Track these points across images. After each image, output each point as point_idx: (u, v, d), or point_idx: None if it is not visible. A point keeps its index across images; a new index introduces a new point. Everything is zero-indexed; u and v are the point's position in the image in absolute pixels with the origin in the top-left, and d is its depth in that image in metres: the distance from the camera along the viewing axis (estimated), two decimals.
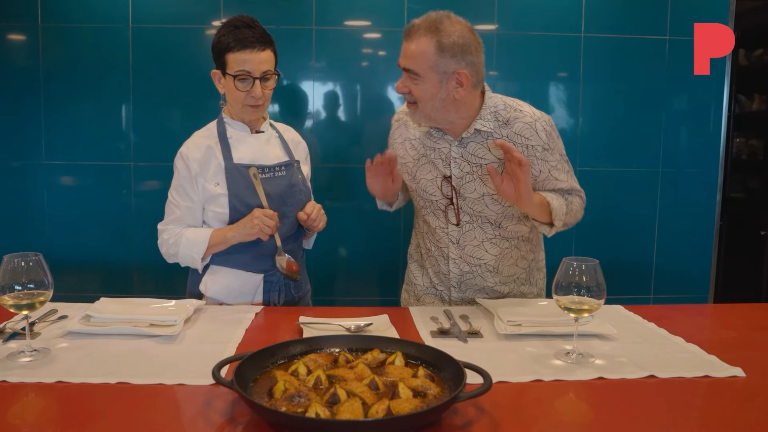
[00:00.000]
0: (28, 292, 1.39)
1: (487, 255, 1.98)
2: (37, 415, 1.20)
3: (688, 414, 1.23)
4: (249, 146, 2.02)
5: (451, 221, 1.96)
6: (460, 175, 1.91)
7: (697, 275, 3.30)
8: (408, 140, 2.01)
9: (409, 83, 1.79)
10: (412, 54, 1.76)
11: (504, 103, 1.89)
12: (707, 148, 3.24)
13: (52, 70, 2.98)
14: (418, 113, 1.84)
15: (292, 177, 2.04)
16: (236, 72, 1.89)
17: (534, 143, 1.85)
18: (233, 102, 1.97)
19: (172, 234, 1.99)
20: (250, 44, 1.88)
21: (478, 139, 1.88)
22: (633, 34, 3.07)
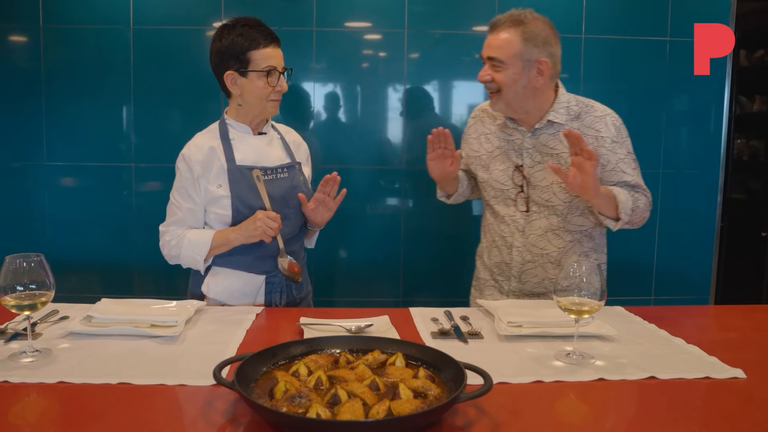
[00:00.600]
0: (29, 292, 1.39)
1: (550, 246, 2.05)
2: (38, 415, 1.20)
3: (688, 415, 1.23)
4: (251, 147, 2.02)
5: (519, 208, 2.06)
6: (531, 165, 2.03)
7: (697, 276, 3.30)
8: (484, 134, 2.14)
9: (491, 72, 1.93)
10: (498, 44, 1.91)
11: (576, 99, 2.04)
12: (708, 149, 3.24)
13: (54, 71, 2.99)
14: (500, 101, 1.96)
15: (294, 179, 2.05)
16: (265, 67, 1.92)
17: (604, 135, 1.97)
18: (256, 100, 1.97)
19: (174, 236, 1.99)
20: (272, 41, 1.93)
21: (550, 131, 2.00)
22: (634, 36, 3.07)
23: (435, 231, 3.17)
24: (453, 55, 3.10)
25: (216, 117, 3.00)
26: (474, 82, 3.13)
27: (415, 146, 3.13)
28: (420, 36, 3.05)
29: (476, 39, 3.08)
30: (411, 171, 3.14)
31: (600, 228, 2.10)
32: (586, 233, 2.07)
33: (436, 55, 3.09)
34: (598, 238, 2.11)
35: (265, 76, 1.92)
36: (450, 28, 3.05)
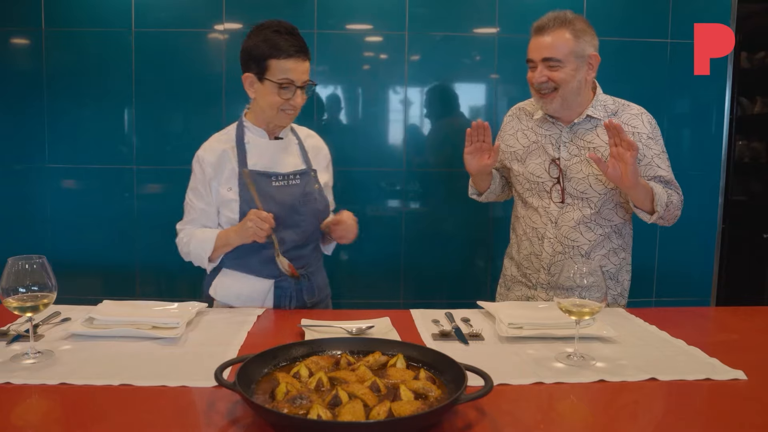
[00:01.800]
0: (32, 294, 1.39)
1: (581, 238, 2.08)
2: (40, 416, 1.21)
3: (689, 417, 1.24)
4: (265, 152, 2.01)
5: (554, 200, 2.10)
6: (568, 158, 2.07)
7: (699, 278, 3.30)
8: (520, 131, 2.20)
9: (546, 72, 1.97)
10: (551, 44, 1.96)
11: (612, 99, 2.12)
12: (709, 151, 3.24)
13: (55, 74, 3.00)
14: (557, 99, 2.01)
15: (307, 185, 2.03)
16: (280, 80, 1.88)
17: (640, 131, 2.03)
18: (267, 107, 1.95)
19: (186, 234, 2.03)
20: (295, 53, 1.88)
21: (587, 126, 2.07)
22: (634, 37, 3.07)
23: (436, 233, 3.17)
24: (454, 57, 3.10)
25: (216, 120, 3.04)
26: (475, 84, 3.16)
27: (416, 148, 3.13)
28: (421, 38, 3.06)
29: (477, 41, 3.10)
30: (412, 173, 3.14)
31: (629, 226, 2.16)
32: (616, 229, 2.10)
33: (436, 57, 3.09)
34: (626, 236, 2.16)
35: (280, 88, 1.90)
36: (451, 30, 3.05)
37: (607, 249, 2.11)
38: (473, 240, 3.13)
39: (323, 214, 2.08)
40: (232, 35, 3.01)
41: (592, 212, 2.06)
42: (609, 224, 2.09)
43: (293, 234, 1.99)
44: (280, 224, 1.93)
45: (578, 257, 2.10)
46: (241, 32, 3.01)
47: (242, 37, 3.00)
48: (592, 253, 2.10)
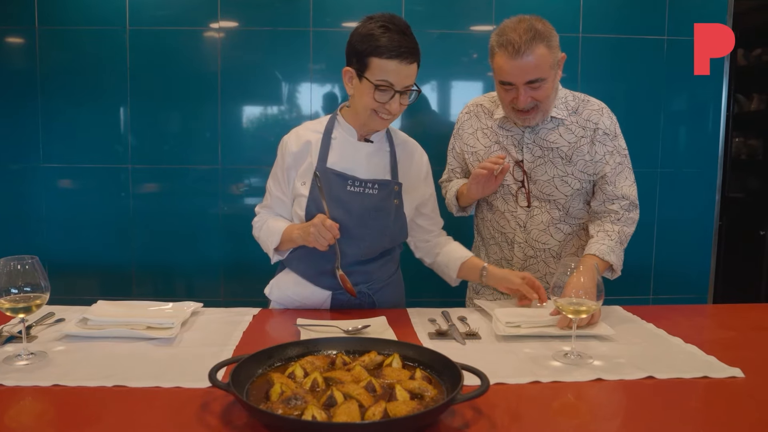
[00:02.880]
0: (24, 295, 1.38)
1: (551, 240, 2.06)
2: (34, 418, 1.19)
3: (686, 415, 1.23)
4: (349, 152, 1.88)
5: (521, 204, 2.05)
6: (532, 159, 2.02)
7: (696, 276, 3.29)
8: (480, 130, 2.11)
9: (531, 93, 1.86)
10: (533, 65, 1.81)
11: (572, 94, 2.05)
12: (706, 148, 3.23)
13: (50, 73, 2.98)
14: (538, 114, 1.93)
15: (384, 199, 1.87)
16: (379, 81, 1.73)
17: (600, 126, 1.98)
18: (362, 108, 1.80)
19: (261, 218, 1.98)
20: (401, 54, 1.71)
21: (549, 126, 2.00)
22: (631, 34, 3.07)
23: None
24: (451, 55, 3.09)
25: (212, 119, 3.03)
26: (472, 82, 3.15)
27: None
28: (417, 36, 3.03)
29: (474, 39, 3.08)
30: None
31: None
32: (583, 226, 2.08)
33: (433, 54, 3.08)
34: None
35: (377, 90, 1.74)
36: (447, 28, 3.04)
37: (576, 246, 2.10)
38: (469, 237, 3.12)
39: (397, 234, 1.93)
40: (227, 33, 3.00)
41: (561, 213, 2.04)
42: (577, 222, 2.07)
43: (355, 248, 1.86)
44: (343, 234, 1.79)
45: (550, 259, 2.08)
46: (236, 30, 3.01)
47: (238, 36, 3.03)
48: (562, 253, 2.08)
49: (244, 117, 3.06)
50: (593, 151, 1.98)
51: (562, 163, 1.99)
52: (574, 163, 1.98)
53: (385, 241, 1.91)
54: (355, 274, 1.89)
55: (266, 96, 3.08)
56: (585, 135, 1.98)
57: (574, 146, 1.98)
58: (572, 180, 1.99)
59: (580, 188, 2.01)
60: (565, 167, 1.99)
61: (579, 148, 1.98)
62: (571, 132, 1.99)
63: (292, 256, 1.95)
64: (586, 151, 1.98)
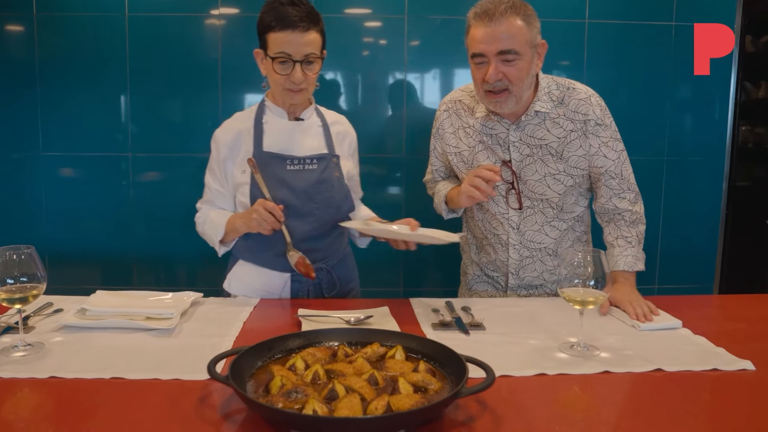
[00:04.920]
0: (20, 285, 1.36)
1: (547, 239, 1.99)
2: (30, 411, 1.17)
3: (696, 408, 1.20)
4: (282, 133, 1.91)
5: (512, 206, 1.96)
6: (520, 159, 1.92)
7: (701, 265, 3.26)
8: (462, 128, 2.00)
9: (502, 68, 1.75)
10: (506, 33, 1.71)
11: (555, 82, 1.91)
12: (713, 136, 3.20)
13: (48, 60, 2.95)
14: (510, 99, 1.80)
15: (325, 171, 1.90)
16: (276, 54, 1.77)
17: (590, 118, 1.86)
18: (274, 85, 1.85)
19: (203, 213, 1.98)
20: (292, 24, 1.74)
21: (535, 121, 1.88)
22: (638, 20, 3.02)
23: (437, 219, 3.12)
24: (454, 42, 3.05)
25: (213, 106, 2.99)
26: None
27: (416, 134, 3.09)
28: (420, 22, 3.00)
29: None
30: (412, 159, 3.10)
31: (588, 208, 2.07)
32: (577, 218, 2.03)
33: (437, 41, 3.04)
34: (586, 218, 2.09)
35: (277, 63, 1.78)
36: (450, 14, 3.00)
37: (571, 240, 2.04)
38: None
39: (343, 204, 1.94)
40: (228, 20, 2.96)
41: (555, 211, 1.97)
42: (571, 216, 2.01)
43: (306, 224, 1.87)
44: (292, 213, 1.84)
45: (547, 257, 2.02)
46: (237, 17, 2.97)
47: (238, 22, 2.99)
48: (558, 249, 2.02)
49: (246, 104, 3.03)
50: (587, 144, 1.88)
51: (553, 160, 1.89)
52: (565, 159, 1.89)
53: (332, 213, 1.92)
54: (311, 252, 1.88)
55: None
56: (575, 128, 1.86)
57: (564, 141, 1.87)
58: (564, 177, 1.91)
59: (573, 184, 1.93)
60: (557, 164, 1.89)
61: (570, 142, 1.87)
62: (558, 126, 1.87)
63: (243, 246, 1.96)
64: (579, 145, 1.87)
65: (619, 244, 1.92)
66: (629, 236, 1.92)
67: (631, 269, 1.88)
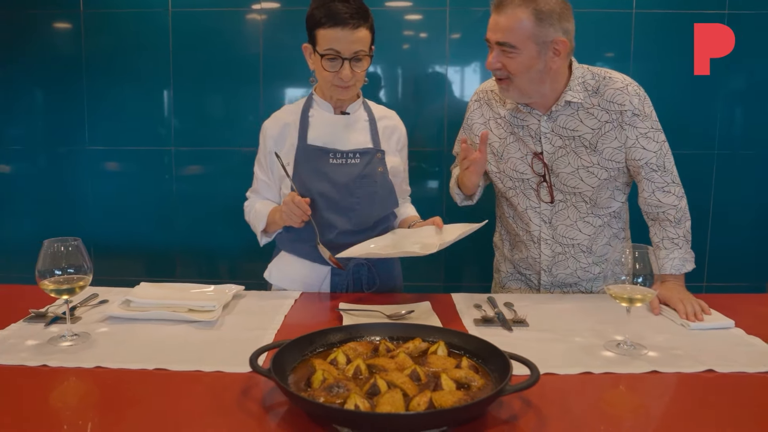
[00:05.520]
0: (68, 276, 1.38)
1: (580, 235, 1.94)
2: (77, 399, 1.20)
3: (749, 413, 1.15)
4: (327, 127, 1.91)
5: (543, 199, 1.92)
6: (552, 151, 1.87)
7: (753, 262, 3.15)
8: (492, 119, 1.96)
9: (501, 58, 1.74)
10: (506, 26, 1.70)
11: (591, 72, 1.84)
12: (766, 129, 3.08)
13: (94, 56, 3.01)
14: (512, 89, 1.78)
15: (368, 166, 1.87)
16: (325, 51, 1.76)
17: (627, 108, 1.79)
18: (322, 81, 1.85)
19: (250, 203, 2.02)
20: (342, 21, 1.72)
21: (568, 112, 1.83)
22: (688, 9, 2.92)
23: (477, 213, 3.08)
24: None
25: (254, 101, 3.01)
26: None
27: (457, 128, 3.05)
28: (462, 14, 2.96)
29: None
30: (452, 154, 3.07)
31: (626, 204, 2.00)
32: (614, 214, 1.95)
33: (479, 34, 2.99)
34: (624, 215, 2.02)
35: (325, 60, 1.77)
36: None
37: (607, 237, 1.97)
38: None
39: (386, 201, 1.92)
40: (269, 15, 2.97)
41: (588, 206, 1.90)
42: (607, 212, 1.93)
43: (346, 219, 1.86)
44: (332, 207, 1.85)
45: (580, 254, 1.95)
46: (278, 12, 2.97)
47: (279, 17, 2.99)
48: (593, 246, 1.95)
49: (286, 99, 3.04)
50: (623, 136, 1.80)
51: (586, 152, 1.83)
52: (599, 151, 1.82)
53: (375, 209, 1.90)
54: (345, 247, 1.82)
55: (308, 78, 3.04)
56: (610, 119, 1.80)
57: (598, 132, 1.81)
58: (598, 170, 1.84)
59: (608, 177, 1.86)
60: (590, 157, 1.83)
61: (605, 134, 1.81)
62: (593, 116, 1.81)
63: (285, 237, 1.98)
64: (614, 136, 1.81)
65: (665, 245, 1.85)
66: (675, 237, 1.85)
67: (678, 272, 1.82)
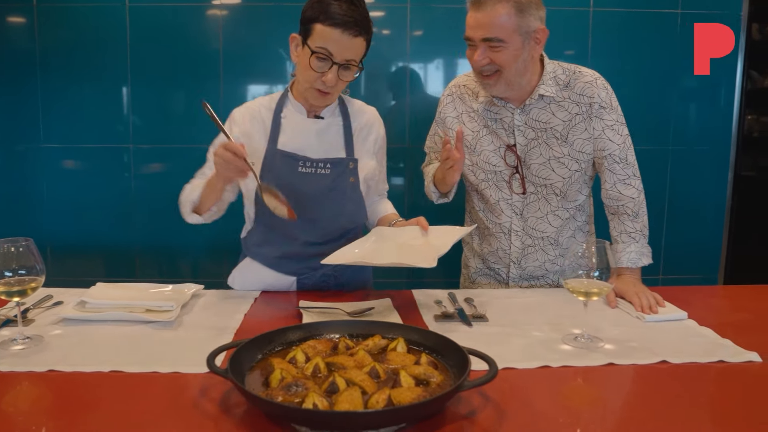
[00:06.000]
0: (19, 278, 1.34)
1: (549, 227, 1.98)
2: (30, 404, 1.16)
3: (701, 401, 1.19)
4: (299, 132, 1.80)
5: (515, 191, 1.95)
6: (525, 143, 1.92)
7: (707, 255, 3.24)
8: (465, 113, 1.99)
9: (488, 53, 1.77)
10: (491, 22, 1.73)
11: (561, 67, 1.91)
12: (719, 125, 3.17)
13: (49, 52, 2.93)
14: (500, 82, 1.81)
15: (337, 178, 1.80)
16: (317, 48, 1.65)
17: (595, 101, 1.86)
18: (301, 79, 1.73)
19: (190, 184, 1.84)
20: (344, 23, 1.62)
21: (540, 105, 1.89)
22: (644, 8, 2.98)
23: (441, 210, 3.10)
24: (457, 31, 3.01)
25: (214, 98, 2.97)
26: None
27: (419, 124, 3.06)
28: (423, 11, 2.97)
29: None
30: (416, 149, 3.08)
31: (590, 198, 2.06)
32: (579, 207, 2.01)
33: (439, 31, 3.01)
34: (587, 208, 2.07)
35: (314, 57, 1.65)
36: (453, 3, 2.96)
37: (572, 229, 2.02)
38: None
39: (354, 215, 1.86)
40: (230, 10, 2.94)
41: (559, 198, 1.95)
42: (573, 205, 1.99)
43: (310, 229, 1.79)
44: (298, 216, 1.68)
45: (549, 246, 2.00)
46: (238, 7, 2.94)
47: (240, 12, 2.96)
48: (559, 238, 2.00)
49: (248, 96, 3.02)
50: (591, 127, 1.87)
51: (558, 143, 1.88)
52: (570, 142, 1.88)
53: (341, 222, 1.84)
54: (311, 258, 1.81)
55: (269, 75, 3.03)
56: (580, 111, 1.86)
57: (569, 124, 1.87)
58: (569, 161, 1.89)
59: (578, 169, 1.91)
60: (561, 148, 1.89)
61: (575, 126, 1.87)
62: (564, 109, 1.87)
63: (251, 241, 1.89)
64: (584, 128, 1.87)
65: (623, 239, 1.90)
66: (633, 231, 1.90)
67: (634, 266, 1.87)
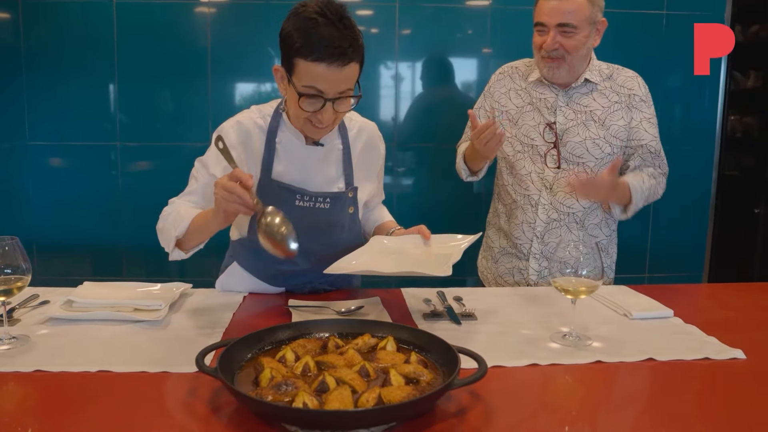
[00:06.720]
0: (4, 277, 1.33)
1: (577, 205, 2.09)
2: (15, 404, 1.15)
3: (687, 398, 1.20)
4: (295, 161, 1.67)
5: (549, 165, 2.07)
6: (564, 122, 2.06)
7: (691, 254, 3.27)
8: (513, 90, 2.16)
9: (560, 38, 1.94)
10: (568, 9, 1.91)
11: (605, 64, 2.11)
12: (702, 125, 3.20)
13: (34, 49, 2.90)
14: (563, 67, 1.99)
15: (337, 213, 1.71)
16: (304, 87, 1.48)
17: (636, 93, 2.05)
18: (293, 116, 1.60)
19: (174, 206, 1.67)
20: (332, 56, 1.43)
21: (583, 90, 2.07)
22: (629, 9, 3.00)
23: (428, 209, 3.12)
24: (446, 31, 3.03)
25: (202, 96, 2.96)
26: (468, 59, 3.09)
27: (407, 123, 3.07)
28: (412, 10, 2.98)
29: (470, 13, 3.02)
30: (404, 148, 3.08)
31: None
32: None
33: (428, 30, 3.01)
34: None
35: (303, 97, 1.50)
36: (442, 2, 2.97)
37: (600, 218, 2.12)
38: (464, 215, 3.09)
39: (351, 244, 1.75)
40: (218, 8, 2.92)
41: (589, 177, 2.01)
42: None
43: (305, 259, 1.68)
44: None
45: (573, 224, 2.08)
46: (226, 4, 2.93)
47: (228, 10, 2.95)
48: (586, 221, 2.09)
49: (236, 94, 3.01)
50: (629, 116, 2.04)
51: (595, 126, 2.03)
52: (607, 127, 2.03)
53: (339, 253, 1.68)
54: (309, 274, 1.77)
55: (258, 73, 3.02)
56: (619, 100, 2.04)
57: (608, 110, 2.03)
58: (604, 144, 2.03)
59: (611, 153, 2.04)
60: (598, 130, 2.03)
61: (613, 112, 2.03)
62: (604, 96, 2.05)
63: (242, 253, 1.80)
64: (621, 116, 2.03)
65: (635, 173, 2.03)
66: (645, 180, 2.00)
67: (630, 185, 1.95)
